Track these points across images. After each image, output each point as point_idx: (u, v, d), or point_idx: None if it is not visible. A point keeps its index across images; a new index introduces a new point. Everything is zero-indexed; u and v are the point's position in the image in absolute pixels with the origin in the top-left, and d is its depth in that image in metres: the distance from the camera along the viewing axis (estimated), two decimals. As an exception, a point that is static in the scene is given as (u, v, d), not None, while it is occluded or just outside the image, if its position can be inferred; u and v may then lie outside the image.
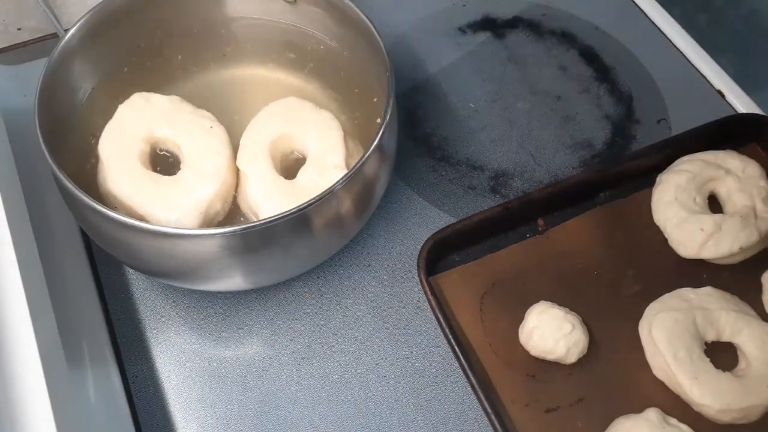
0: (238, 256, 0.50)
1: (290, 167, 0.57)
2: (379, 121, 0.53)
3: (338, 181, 0.49)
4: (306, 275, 0.60)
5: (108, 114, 0.57)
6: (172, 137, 0.57)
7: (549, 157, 0.68)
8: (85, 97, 0.60)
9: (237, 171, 0.57)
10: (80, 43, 0.58)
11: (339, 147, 0.56)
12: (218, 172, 0.55)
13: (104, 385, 0.54)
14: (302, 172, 0.55)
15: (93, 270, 0.61)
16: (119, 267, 0.61)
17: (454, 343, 0.53)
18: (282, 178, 0.55)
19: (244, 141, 0.57)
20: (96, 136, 0.58)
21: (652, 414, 0.50)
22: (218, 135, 0.57)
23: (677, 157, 0.63)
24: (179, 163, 0.57)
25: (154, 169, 0.57)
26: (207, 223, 0.55)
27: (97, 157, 0.57)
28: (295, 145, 0.58)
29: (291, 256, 0.53)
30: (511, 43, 0.77)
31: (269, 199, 0.54)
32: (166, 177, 0.55)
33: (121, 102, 0.58)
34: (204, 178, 0.55)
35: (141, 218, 0.53)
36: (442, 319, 0.54)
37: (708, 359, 0.53)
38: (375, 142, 0.51)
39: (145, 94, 0.58)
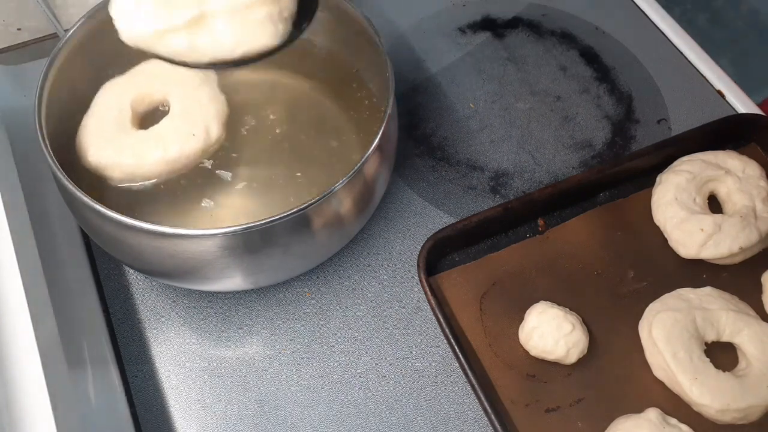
0: (238, 256, 0.50)
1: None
2: (379, 121, 0.53)
3: (338, 181, 0.49)
4: (306, 275, 0.60)
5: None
6: (171, 105, 0.58)
7: (549, 157, 0.68)
8: (85, 97, 0.60)
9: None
10: (80, 43, 0.58)
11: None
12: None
13: (104, 385, 0.54)
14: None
15: (93, 270, 0.61)
16: (119, 267, 0.61)
17: (454, 343, 0.53)
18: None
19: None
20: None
21: (652, 414, 0.50)
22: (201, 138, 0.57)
23: (677, 157, 0.63)
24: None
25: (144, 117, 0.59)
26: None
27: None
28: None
29: (291, 256, 0.53)
30: (511, 43, 0.77)
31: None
32: (134, 130, 0.57)
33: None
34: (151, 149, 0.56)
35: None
36: (442, 319, 0.55)
37: (708, 359, 0.53)
38: (375, 142, 0.51)
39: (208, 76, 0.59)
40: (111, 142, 0.56)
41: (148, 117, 0.59)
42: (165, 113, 0.58)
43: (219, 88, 0.59)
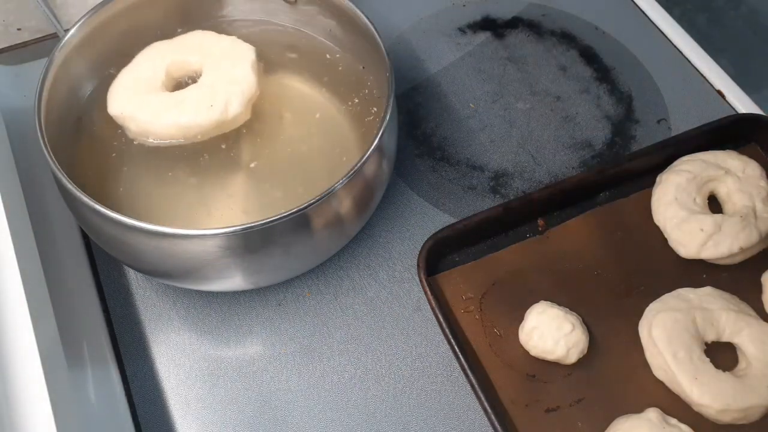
0: (238, 256, 0.50)
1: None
2: (379, 121, 0.53)
3: (338, 181, 0.49)
4: (306, 275, 0.60)
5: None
6: (202, 76, 0.59)
7: (549, 157, 0.68)
8: (86, 97, 0.61)
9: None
10: (80, 43, 0.58)
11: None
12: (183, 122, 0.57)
13: (104, 385, 0.54)
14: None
15: (93, 270, 0.61)
16: (119, 267, 0.61)
17: (454, 343, 0.53)
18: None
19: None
20: (96, 134, 0.58)
21: (652, 414, 0.50)
22: (219, 110, 0.58)
23: (677, 157, 0.63)
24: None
25: (178, 84, 0.61)
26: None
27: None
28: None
29: (291, 256, 0.53)
30: (510, 43, 0.77)
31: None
32: (162, 91, 0.59)
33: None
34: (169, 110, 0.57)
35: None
36: (442, 319, 0.54)
37: (708, 359, 0.53)
38: (375, 142, 0.51)
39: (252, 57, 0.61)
40: (136, 96, 0.58)
41: (183, 85, 0.61)
42: None
43: (255, 71, 0.60)
